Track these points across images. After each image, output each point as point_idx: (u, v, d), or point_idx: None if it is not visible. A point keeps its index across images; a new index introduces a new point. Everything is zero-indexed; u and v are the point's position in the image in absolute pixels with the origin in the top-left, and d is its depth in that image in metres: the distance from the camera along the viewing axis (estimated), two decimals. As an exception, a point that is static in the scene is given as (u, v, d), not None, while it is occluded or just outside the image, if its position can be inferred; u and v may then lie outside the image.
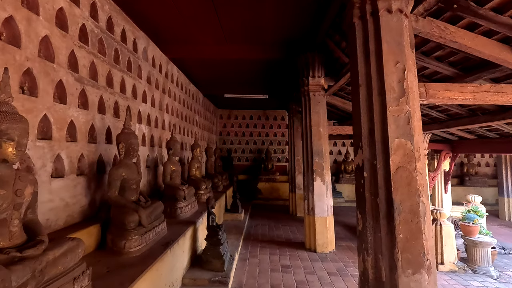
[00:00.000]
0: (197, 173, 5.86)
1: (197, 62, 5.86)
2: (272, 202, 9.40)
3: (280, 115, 11.17)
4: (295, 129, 7.96)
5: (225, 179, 8.35)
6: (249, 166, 11.05)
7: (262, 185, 9.90)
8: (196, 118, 7.69)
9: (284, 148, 11.09)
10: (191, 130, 7.10)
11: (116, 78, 3.52)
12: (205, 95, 8.69)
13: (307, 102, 5.00)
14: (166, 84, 5.41)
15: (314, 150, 4.86)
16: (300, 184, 7.77)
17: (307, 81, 4.92)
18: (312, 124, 4.89)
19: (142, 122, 4.30)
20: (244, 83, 7.48)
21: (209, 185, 5.85)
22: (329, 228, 4.83)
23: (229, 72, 6.53)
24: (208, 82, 7.45)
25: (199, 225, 3.99)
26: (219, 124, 11.21)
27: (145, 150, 4.37)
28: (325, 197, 4.84)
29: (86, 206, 2.87)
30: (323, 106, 4.96)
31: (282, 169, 10.91)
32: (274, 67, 6.10)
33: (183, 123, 6.44)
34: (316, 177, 4.84)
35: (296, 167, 7.82)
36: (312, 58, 4.85)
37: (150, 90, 4.60)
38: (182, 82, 6.46)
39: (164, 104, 5.27)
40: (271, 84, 7.52)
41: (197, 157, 5.91)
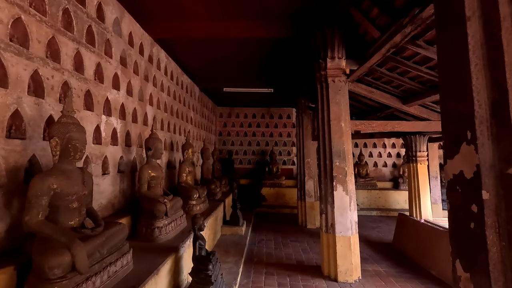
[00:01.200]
0: (189, 179, 4.84)
1: (188, 44, 4.87)
2: (277, 210, 8.36)
3: (286, 113, 10.15)
4: (304, 128, 6.93)
5: (224, 184, 7.33)
6: (252, 169, 10.02)
7: (266, 191, 8.87)
8: (191, 115, 6.70)
9: (290, 150, 10.05)
10: (184, 128, 6.10)
11: (65, 49, 2.52)
12: (202, 90, 7.70)
13: (324, 90, 3.97)
14: (150, 70, 4.42)
15: (334, 150, 3.83)
16: (310, 191, 6.73)
17: (324, 64, 3.90)
18: (332, 118, 3.87)
19: (113, 113, 3.30)
20: (246, 73, 6.47)
21: (203, 193, 4.84)
22: (354, 250, 3.78)
23: (227, 58, 5.53)
24: (204, 73, 6.46)
25: (185, 251, 2.97)
26: (219, 123, 10.21)
27: (117, 151, 3.37)
28: (348, 211, 3.79)
29: None
30: (344, 95, 3.93)
31: (288, 172, 9.87)
32: (281, 50, 5.09)
33: (173, 119, 5.44)
34: (337, 185, 3.80)
35: (306, 171, 6.78)
36: (331, 34, 3.84)
37: (125, 75, 3.61)
38: (173, 71, 5.47)
39: (147, 94, 4.28)
40: (277, 74, 6.50)
41: (189, 160, 4.90)
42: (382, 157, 9.87)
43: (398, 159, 9.82)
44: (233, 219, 5.54)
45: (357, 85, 4.11)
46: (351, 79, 4.02)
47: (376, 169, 9.80)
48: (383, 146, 9.92)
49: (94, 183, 2.86)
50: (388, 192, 8.81)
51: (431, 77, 3.02)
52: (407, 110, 3.93)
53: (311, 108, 6.91)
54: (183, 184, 4.69)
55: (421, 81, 3.32)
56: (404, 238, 5.02)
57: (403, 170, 9.27)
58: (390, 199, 8.73)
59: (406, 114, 4.57)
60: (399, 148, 9.86)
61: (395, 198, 8.73)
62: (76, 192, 1.89)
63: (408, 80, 3.42)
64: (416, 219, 4.89)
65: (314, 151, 6.92)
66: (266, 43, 4.77)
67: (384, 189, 9.04)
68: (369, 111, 5.13)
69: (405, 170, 9.22)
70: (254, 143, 10.11)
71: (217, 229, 4.95)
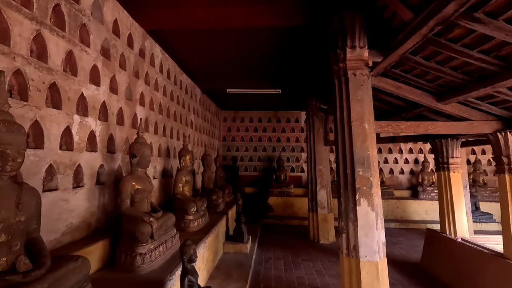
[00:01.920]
0: (186, 190, 4.25)
1: (186, 38, 4.32)
2: (286, 222, 7.68)
3: (294, 116, 9.53)
4: (315, 131, 6.29)
5: (228, 194, 6.72)
6: (258, 177, 9.39)
7: (273, 200, 8.21)
8: (191, 118, 6.13)
9: (299, 156, 9.40)
10: (182, 132, 5.53)
11: (18, 29, 1.97)
12: (204, 91, 7.16)
13: (343, 86, 3.35)
14: (142, 66, 3.87)
15: (356, 157, 3.19)
16: (323, 201, 6.06)
17: (343, 55, 3.29)
18: (353, 119, 3.23)
19: (90, 113, 2.73)
20: (250, 72, 5.90)
21: (202, 205, 4.24)
22: (382, 278, 3.10)
23: (230, 54, 4.96)
24: (204, 72, 5.91)
25: (173, 284, 2.35)
26: (223, 127, 9.64)
27: (95, 158, 2.79)
28: (375, 230, 3.13)
29: None
30: (367, 91, 3.30)
31: (297, 180, 9.21)
32: (290, 43, 4.50)
33: (170, 122, 4.87)
34: (360, 199, 3.15)
35: (317, 179, 6.12)
36: (351, 19, 3.23)
37: (108, 68, 3.05)
38: (170, 69, 4.93)
39: (137, 93, 3.72)
40: (285, 73, 5.92)
41: (186, 168, 4.31)
42: (398, 163, 9.15)
43: (416, 165, 9.08)
44: (237, 235, 4.90)
45: (382, 80, 3.49)
46: (374, 73, 3.39)
47: (392, 176, 9.07)
48: (399, 152, 9.20)
49: (62, 199, 2.29)
50: (406, 202, 8.07)
51: (483, 64, 2.39)
52: (442, 108, 3.28)
53: (323, 110, 6.29)
54: (179, 196, 4.09)
55: (467, 70, 2.68)
56: (435, 258, 4.31)
57: (422, 177, 8.52)
58: (409, 210, 7.98)
59: (437, 114, 3.91)
60: (417, 154, 9.13)
61: (414, 208, 7.98)
62: (1, 220, 1.30)
63: (449, 70, 2.79)
64: (449, 236, 4.19)
65: (326, 157, 6.27)
66: (273, 35, 4.19)
67: (402, 198, 8.29)
68: (391, 112, 4.49)
69: (425, 178, 8.48)
70: (260, 148, 9.50)
71: (218, 247, 4.33)
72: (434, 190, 8.12)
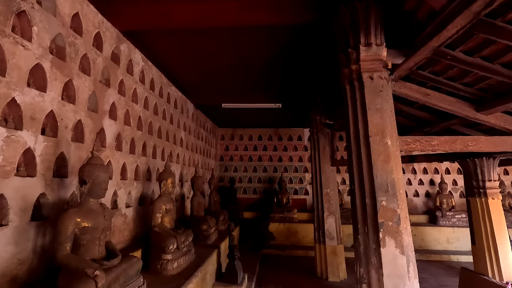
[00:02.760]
0: (166, 221, 3.50)
1: (172, 43, 3.75)
2: (289, 252, 6.79)
3: (297, 134, 8.86)
4: (320, 150, 5.58)
5: (223, 221, 5.92)
6: (258, 200, 8.58)
7: (275, 227, 7.36)
8: (181, 135, 5.48)
9: (302, 176, 8.63)
10: (169, 151, 4.85)
11: None
12: (198, 107, 6.55)
13: (356, 92, 2.69)
14: (115, 73, 3.26)
15: (377, 182, 2.46)
16: (331, 231, 5.23)
17: (355, 55, 2.65)
18: (371, 133, 2.54)
19: (26, 126, 2.07)
20: (247, 84, 5.30)
21: (186, 240, 3.48)
22: None
23: (223, 63, 4.37)
24: (197, 85, 5.33)
25: None
26: (220, 146, 8.97)
27: (33, 185, 2.10)
28: (406, 281, 2.34)
29: None
30: (388, 99, 2.63)
31: (300, 204, 8.38)
32: (291, 47, 3.90)
33: (152, 140, 4.21)
34: (385, 239, 2.39)
35: (324, 205, 5.33)
36: (365, 11, 2.63)
37: (61, 71, 2.42)
38: (154, 80, 4.33)
39: (106, 104, 3.08)
40: (286, 84, 5.31)
41: (167, 194, 3.59)
42: (412, 185, 8.32)
43: (432, 187, 8.25)
44: (230, 274, 4.07)
45: (404, 85, 2.82)
46: (395, 76, 2.74)
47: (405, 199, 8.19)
48: (412, 172, 8.41)
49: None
50: (424, 229, 7.17)
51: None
52: (483, 120, 2.59)
53: (329, 126, 5.61)
54: (156, 229, 3.34)
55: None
56: (476, 308, 3.44)
57: (440, 200, 7.66)
58: (428, 238, 7.07)
59: (471, 128, 3.22)
60: (432, 174, 8.32)
61: (434, 236, 7.07)
62: None
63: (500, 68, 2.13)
64: (494, 281, 3.34)
65: (334, 178, 5.52)
66: (271, 37, 3.61)
67: (418, 224, 7.40)
68: (410, 127, 3.79)
69: (443, 201, 7.62)
70: (260, 169, 8.76)
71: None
72: (455, 215, 7.25)
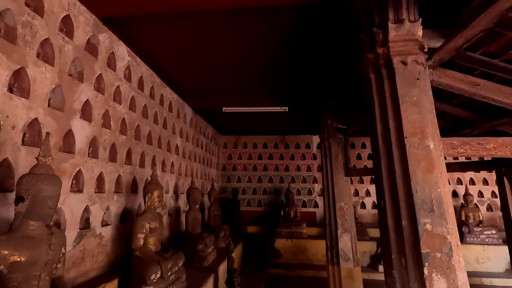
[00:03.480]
0: (151, 242, 2.92)
1: (163, 35, 3.24)
2: (298, 273, 6.08)
3: (305, 141, 8.25)
4: (332, 158, 4.95)
5: (223, 237, 5.31)
6: (263, 213, 7.93)
7: (281, 243, 6.68)
8: (176, 142, 4.94)
9: (311, 188, 7.97)
10: (161, 159, 4.30)
11: None
12: (197, 111, 6.04)
13: (385, 82, 2.10)
14: (91, 66, 2.75)
15: (418, 198, 1.84)
16: (347, 251, 4.55)
17: (382, 35, 2.08)
18: (407, 133, 1.93)
19: None
20: (249, 84, 4.76)
21: (174, 266, 2.88)
22: None
23: (223, 57, 3.84)
24: (195, 86, 4.82)
25: None
26: (223, 155, 8.42)
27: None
28: (464, 338, 1.69)
29: None
30: (426, 90, 2.03)
31: (309, 217, 7.69)
32: (299, 37, 3.35)
33: (139, 146, 3.67)
34: (432, 277, 1.75)
35: (338, 221, 4.66)
36: (394, -21, 2.07)
37: (7, 55, 1.91)
38: (144, 78, 3.83)
39: (77, 101, 2.56)
40: (293, 83, 4.77)
41: (153, 210, 3.02)
42: (432, 197, 7.55)
43: (455, 199, 7.48)
44: (228, 305, 3.44)
45: (445, 73, 2.24)
46: (434, 62, 2.15)
47: (426, 212, 7.44)
48: (432, 182, 7.65)
49: None
50: (449, 246, 6.38)
51: None
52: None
53: (342, 131, 5.00)
54: (137, 254, 2.75)
55: None
56: None
57: (466, 215, 6.88)
58: (454, 257, 6.27)
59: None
60: (455, 185, 7.58)
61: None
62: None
63: None
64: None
65: (348, 190, 4.87)
66: (275, 26, 3.07)
67: (442, 241, 6.61)
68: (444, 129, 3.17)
69: (469, 215, 6.84)
70: (265, 179, 8.15)
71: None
72: (483, 231, 6.46)
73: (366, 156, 7.84)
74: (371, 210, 7.57)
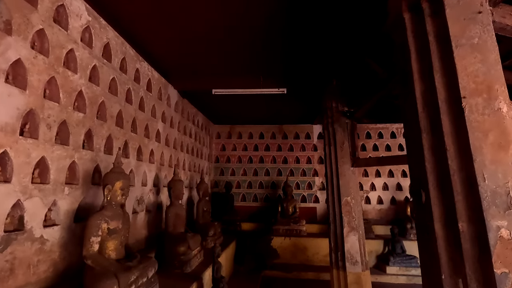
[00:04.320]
0: (110, 247, 2.28)
1: None
2: (297, 275, 5.49)
3: (304, 131, 7.60)
4: (338, 146, 4.30)
5: (212, 237, 4.69)
6: (259, 209, 7.31)
7: (279, 242, 6.07)
8: (158, 127, 4.28)
9: (312, 181, 7.35)
10: (137, 146, 3.64)
11: None
12: (184, 95, 5.36)
13: (427, 21, 1.45)
14: (25, 16, 2.07)
15: (486, 189, 1.20)
16: (354, 253, 3.94)
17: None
18: (465, 92, 1.28)
19: None
20: (242, 59, 4.07)
21: (143, 276, 2.26)
22: None
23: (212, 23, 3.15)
24: (179, 63, 4.13)
25: None
26: (216, 146, 7.76)
27: None
28: None
29: None
30: (490, 30, 1.38)
31: (309, 213, 7.08)
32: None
33: (105, 128, 2.99)
34: (514, 312, 1.12)
35: (344, 218, 4.04)
36: None
37: None
38: (112, 46, 3.15)
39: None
40: (292, 60, 4.08)
41: (114, 206, 2.36)
42: (443, 191, 6.96)
43: None
44: (213, 321, 2.82)
45: (510, 12, 1.61)
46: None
47: (436, 208, 6.84)
48: (442, 176, 7.05)
49: None
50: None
51: None
52: None
53: (348, 115, 4.35)
54: (89, 263, 2.11)
55: None
56: None
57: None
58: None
59: None
60: None
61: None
62: None
63: None
64: None
65: (355, 183, 4.24)
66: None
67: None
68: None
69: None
70: (262, 172, 7.51)
71: None
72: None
73: (371, 147, 7.21)
74: (376, 206, 6.97)
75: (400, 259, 5.43)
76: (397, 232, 5.80)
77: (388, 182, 7.05)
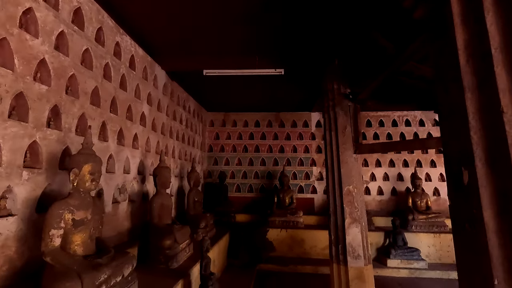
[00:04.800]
0: (76, 242, 1.93)
1: None
2: (293, 268, 5.22)
3: (302, 119, 7.25)
4: (339, 131, 3.96)
5: (204, 229, 4.37)
6: (254, 200, 7.00)
7: (275, 234, 5.78)
8: (142, 110, 3.90)
9: (309, 171, 7.04)
10: (118, 129, 3.26)
11: None
12: (173, 77, 4.96)
13: None
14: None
15: None
16: (356, 246, 3.64)
17: None
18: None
19: None
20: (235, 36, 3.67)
21: (116, 276, 1.93)
22: None
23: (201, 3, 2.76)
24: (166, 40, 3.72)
25: None
26: (210, 134, 7.38)
27: None
28: None
29: None
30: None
31: (307, 204, 6.79)
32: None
33: (78, 106, 2.61)
34: None
35: (345, 208, 3.73)
36: None
37: None
38: (85, 13, 2.74)
39: None
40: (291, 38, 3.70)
41: (82, 193, 2.01)
42: (445, 181, 6.70)
43: (471, 184, 6.62)
44: (200, 323, 2.51)
45: None
46: None
47: (438, 199, 6.61)
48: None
49: None
50: (466, 237, 5.56)
51: None
52: None
53: (351, 98, 4.00)
54: (48, 260, 1.76)
55: None
56: None
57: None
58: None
59: None
60: (471, 168, 6.69)
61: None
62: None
63: None
64: None
65: (358, 171, 3.92)
66: None
67: (457, 231, 5.79)
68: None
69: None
70: (257, 161, 7.17)
71: None
72: None
73: (371, 136, 6.90)
74: (376, 197, 6.70)
75: (401, 252, 5.18)
76: (398, 223, 5.54)
77: (389, 172, 6.77)
